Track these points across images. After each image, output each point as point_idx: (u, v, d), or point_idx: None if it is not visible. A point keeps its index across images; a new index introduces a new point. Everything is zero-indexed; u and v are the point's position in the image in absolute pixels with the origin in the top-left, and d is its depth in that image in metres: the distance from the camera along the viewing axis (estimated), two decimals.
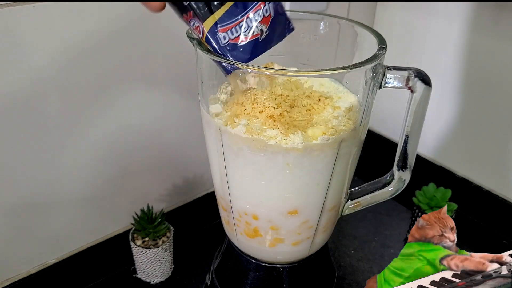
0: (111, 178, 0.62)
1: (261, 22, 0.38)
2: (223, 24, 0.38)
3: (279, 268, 0.53)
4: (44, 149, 0.54)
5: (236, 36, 0.38)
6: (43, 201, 0.57)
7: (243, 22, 0.38)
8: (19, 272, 0.59)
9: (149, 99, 0.60)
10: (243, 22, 0.38)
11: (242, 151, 0.42)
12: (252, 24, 0.38)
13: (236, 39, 0.38)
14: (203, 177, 0.73)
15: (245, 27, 0.38)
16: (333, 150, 0.42)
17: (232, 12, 0.38)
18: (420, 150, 0.76)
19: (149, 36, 0.56)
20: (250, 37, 0.38)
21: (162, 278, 0.65)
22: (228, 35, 0.38)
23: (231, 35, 0.38)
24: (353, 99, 0.45)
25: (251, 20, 0.38)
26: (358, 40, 0.48)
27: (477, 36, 0.69)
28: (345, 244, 0.72)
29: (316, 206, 0.47)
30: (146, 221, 0.62)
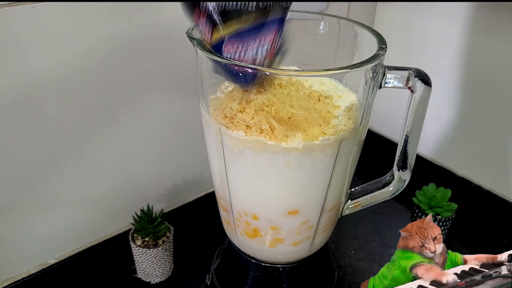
0: (111, 178, 0.62)
1: (267, 55, 0.37)
2: (231, 42, 0.36)
3: (279, 268, 0.53)
4: (44, 149, 0.54)
5: (238, 59, 0.37)
6: (43, 201, 0.57)
7: (250, 50, 0.36)
8: (19, 272, 0.59)
9: (149, 99, 0.60)
10: (250, 50, 0.36)
11: (242, 152, 0.42)
12: (258, 54, 0.36)
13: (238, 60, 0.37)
14: (203, 177, 0.73)
15: (252, 54, 0.36)
16: (333, 150, 0.42)
17: (242, 35, 0.36)
18: (420, 150, 0.76)
19: (149, 36, 0.56)
20: (250, 69, 0.37)
21: (162, 278, 0.65)
22: (231, 55, 0.36)
23: (234, 56, 0.37)
24: (353, 99, 0.45)
25: (257, 51, 0.36)
26: (358, 40, 0.48)
27: (477, 36, 0.69)
28: (345, 244, 0.72)
29: (316, 206, 0.47)
30: (146, 221, 0.62)
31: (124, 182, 0.64)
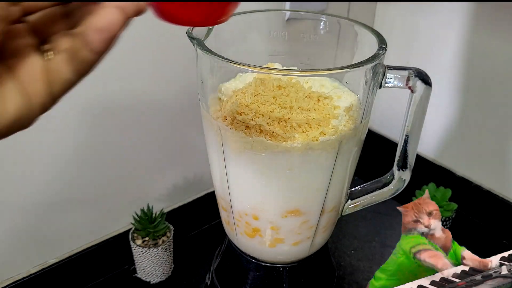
0: (111, 178, 0.62)
1: None
2: None
3: (279, 268, 0.53)
4: (44, 149, 0.54)
5: None
6: (43, 201, 0.57)
7: None
8: (19, 272, 0.59)
9: (149, 99, 0.60)
10: None
11: (242, 152, 0.42)
12: None
13: None
14: (203, 177, 0.73)
15: None
16: (333, 149, 0.42)
17: None
18: (420, 150, 0.76)
19: (148, 35, 0.56)
20: None
21: (162, 278, 0.65)
22: None
23: None
24: (353, 99, 0.45)
25: None
26: (358, 39, 0.48)
27: (477, 36, 0.69)
28: (345, 244, 0.72)
29: (316, 206, 0.47)
30: (146, 221, 0.62)
31: (124, 182, 0.64)
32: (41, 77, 0.25)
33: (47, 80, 0.25)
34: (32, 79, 0.25)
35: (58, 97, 0.26)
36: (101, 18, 0.24)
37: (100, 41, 0.25)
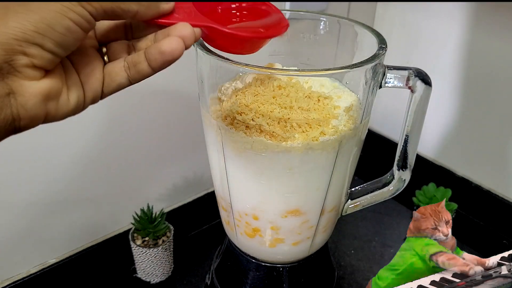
0: (111, 178, 0.62)
1: None
2: None
3: (279, 268, 0.53)
4: (44, 149, 0.54)
5: None
6: (43, 201, 0.57)
7: None
8: (19, 272, 0.59)
9: (149, 99, 0.60)
10: None
11: (242, 152, 0.42)
12: None
13: None
14: (203, 177, 0.73)
15: None
16: (333, 149, 0.42)
17: None
18: (420, 150, 0.76)
19: None
20: None
21: (162, 278, 0.65)
22: None
23: None
24: (353, 99, 0.45)
25: None
26: (358, 39, 0.48)
27: (477, 36, 0.69)
28: (345, 244, 0.72)
29: (316, 206, 0.47)
30: (146, 221, 0.62)
31: (124, 182, 0.64)
32: (100, 77, 0.29)
33: (103, 81, 0.29)
34: (93, 77, 0.29)
35: (106, 96, 0.30)
36: (166, 44, 0.29)
37: (159, 61, 0.30)
